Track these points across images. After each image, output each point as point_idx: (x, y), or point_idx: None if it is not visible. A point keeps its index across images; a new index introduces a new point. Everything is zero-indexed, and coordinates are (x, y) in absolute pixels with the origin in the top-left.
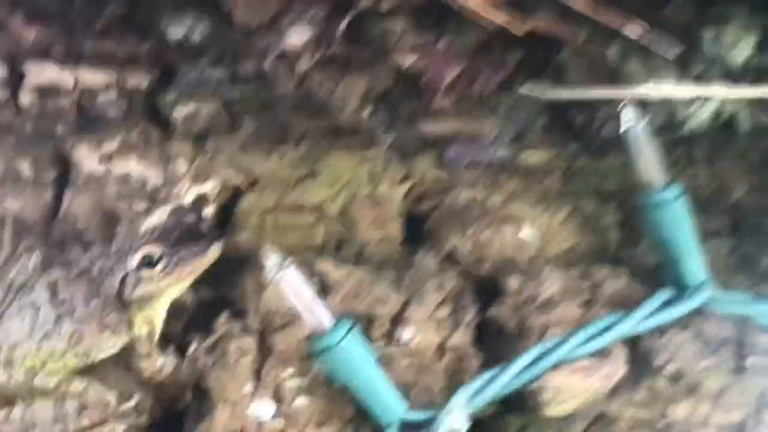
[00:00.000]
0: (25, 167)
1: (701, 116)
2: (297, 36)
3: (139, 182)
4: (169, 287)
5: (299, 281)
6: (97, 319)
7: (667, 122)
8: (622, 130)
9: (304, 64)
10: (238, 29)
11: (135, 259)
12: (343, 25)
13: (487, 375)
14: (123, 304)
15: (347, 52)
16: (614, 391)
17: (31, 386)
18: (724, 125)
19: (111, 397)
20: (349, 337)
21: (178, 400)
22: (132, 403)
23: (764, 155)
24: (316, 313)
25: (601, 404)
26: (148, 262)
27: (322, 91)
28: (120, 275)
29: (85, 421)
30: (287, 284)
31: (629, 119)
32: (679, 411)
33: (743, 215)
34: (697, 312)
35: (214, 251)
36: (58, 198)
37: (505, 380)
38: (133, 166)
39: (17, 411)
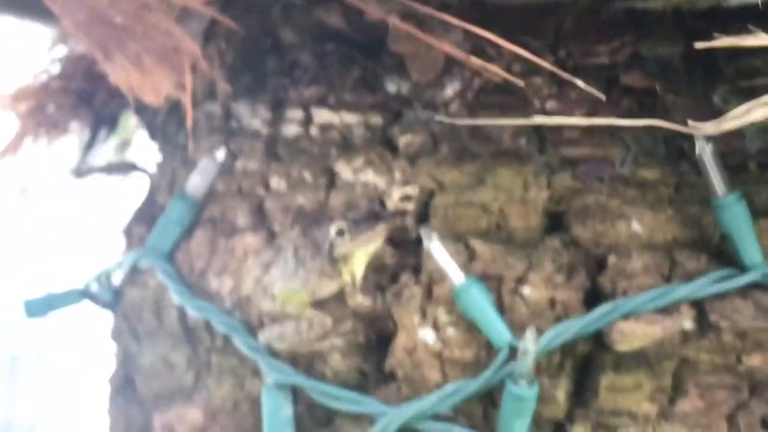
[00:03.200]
0: (307, 175)
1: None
2: (450, 89)
3: (372, 186)
4: (356, 249)
5: (441, 249)
6: (319, 270)
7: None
8: (696, 153)
9: (454, 107)
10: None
11: (332, 230)
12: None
13: (568, 322)
14: (333, 261)
15: (502, 100)
16: (685, 341)
17: (284, 312)
18: None
19: (329, 321)
20: (474, 287)
21: (384, 329)
22: (347, 327)
23: None
24: (453, 270)
25: (677, 349)
26: (340, 233)
27: (488, 126)
28: (327, 242)
29: (312, 335)
30: (434, 250)
31: (701, 145)
32: (754, 360)
33: None
34: (758, 286)
35: (381, 228)
36: (326, 197)
37: (579, 326)
38: (370, 177)
39: (276, 328)
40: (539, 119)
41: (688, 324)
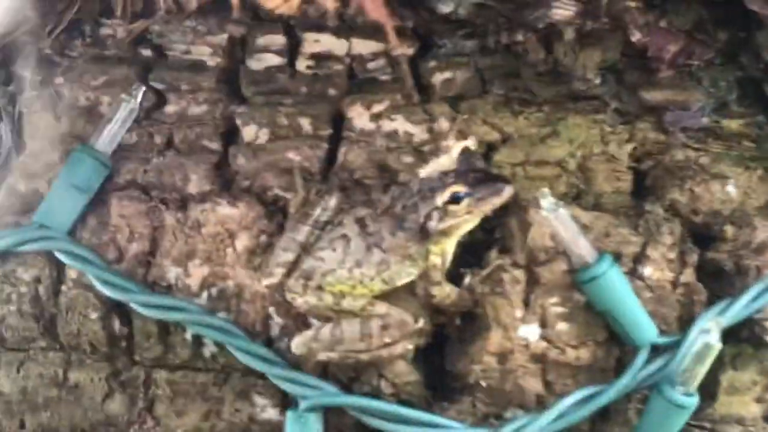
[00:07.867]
0: (305, 124)
1: None
2: (562, 11)
3: (405, 138)
4: (467, 222)
5: (569, 220)
6: (402, 250)
7: None
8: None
9: (569, 35)
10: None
11: (443, 197)
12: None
13: (718, 306)
14: (425, 236)
15: (589, 28)
16: None
17: (339, 308)
18: None
19: (409, 319)
20: (612, 269)
21: (448, 325)
22: (419, 325)
23: None
24: (581, 248)
25: None
26: (455, 199)
27: (566, 60)
28: (425, 211)
29: (387, 339)
30: (559, 222)
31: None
32: None
33: None
34: None
35: (509, 191)
36: (332, 151)
37: (736, 310)
38: (399, 124)
39: (326, 329)
40: None
41: None
